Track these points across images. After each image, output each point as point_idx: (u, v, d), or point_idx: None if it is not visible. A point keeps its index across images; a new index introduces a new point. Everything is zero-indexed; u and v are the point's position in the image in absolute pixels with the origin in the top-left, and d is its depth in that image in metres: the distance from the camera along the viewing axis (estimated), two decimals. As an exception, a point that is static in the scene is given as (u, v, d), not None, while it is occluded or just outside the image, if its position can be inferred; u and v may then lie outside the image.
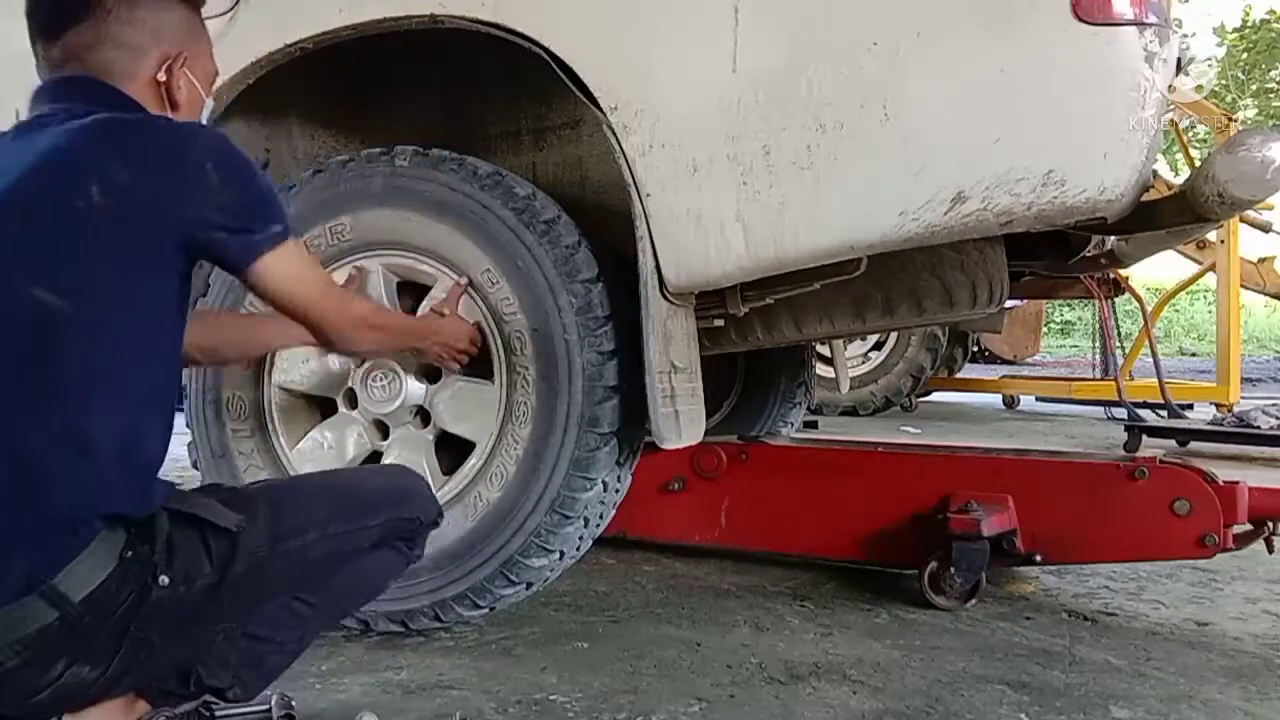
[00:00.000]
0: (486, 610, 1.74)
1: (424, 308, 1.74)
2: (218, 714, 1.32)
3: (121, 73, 1.17)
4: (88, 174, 1.05)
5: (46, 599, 0.99)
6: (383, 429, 1.81)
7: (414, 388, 1.76)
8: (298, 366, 1.82)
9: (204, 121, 1.30)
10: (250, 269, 1.16)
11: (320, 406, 1.87)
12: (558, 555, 1.71)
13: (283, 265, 1.18)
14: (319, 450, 1.82)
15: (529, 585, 1.75)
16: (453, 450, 1.77)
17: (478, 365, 1.71)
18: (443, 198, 1.70)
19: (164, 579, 1.05)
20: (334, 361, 1.80)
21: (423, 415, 1.78)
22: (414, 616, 1.71)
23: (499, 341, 1.69)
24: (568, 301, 1.63)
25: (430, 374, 1.77)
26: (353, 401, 1.81)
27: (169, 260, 1.09)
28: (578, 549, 1.78)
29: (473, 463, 1.71)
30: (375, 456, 1.80)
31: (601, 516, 1.78)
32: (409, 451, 1.76)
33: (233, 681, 1.24)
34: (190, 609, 1.09)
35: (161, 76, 1.20)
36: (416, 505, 1.34)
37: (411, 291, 1.79)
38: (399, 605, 1.70)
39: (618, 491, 1.79)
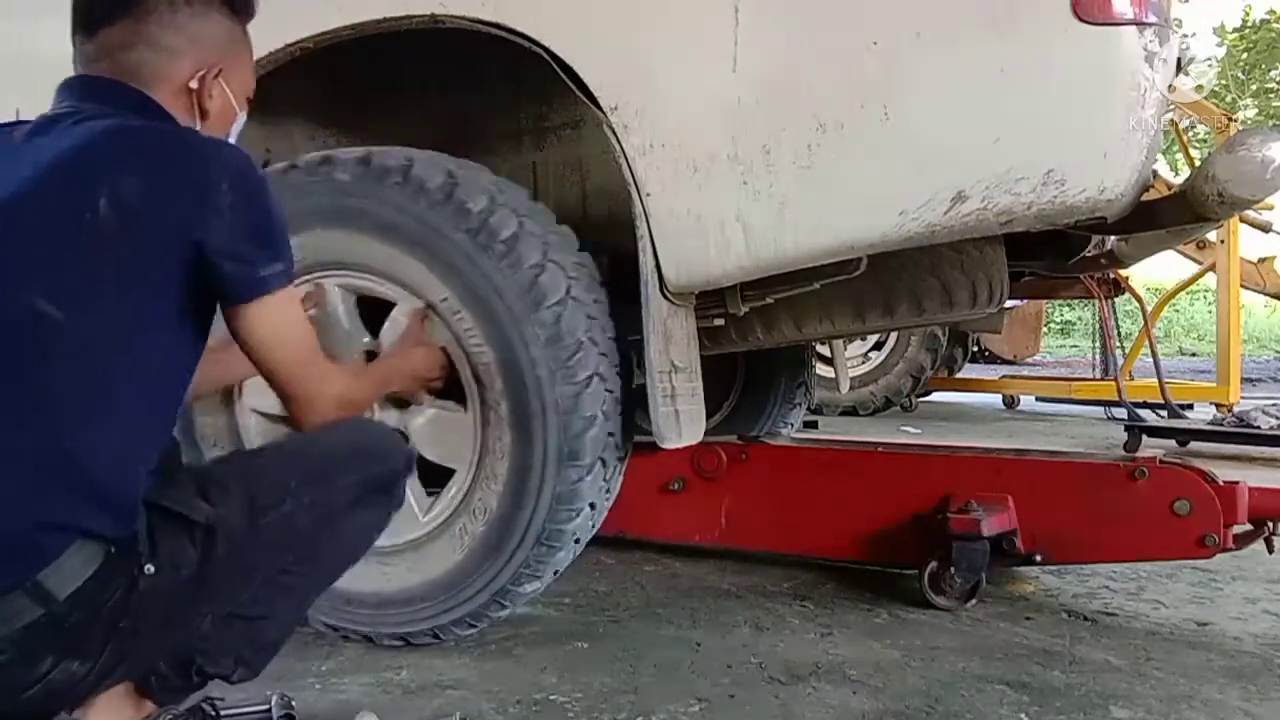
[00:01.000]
0: (484, 627, 1.74)
1: (386, 328, 1.66)
2: (221, 713, 1.32)
3: (153, 75, 1.15)
4: (97, 184, 1.03)
5: (31, 596, 0.98)
6: None
7: (386, 417, 1.70)
8: (269, 391, 1.76)
9: (234, 135, 1.27)
10: (243, 307, 1.11)
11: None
12: (551, 575, 1.70)
13: (275, 316, 1.14)
14: None
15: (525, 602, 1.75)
16: (439, 470, 1.72)
17: (450, 389, 1.65)
18: (390, 219, 1.58)
19: (150, 568, 1.04)
20: None
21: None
22: (415, 635, 1.71)
23: (469, 369, 1.61)
24: (534, 333, 1.54)
25: (402, 400, 1.69)
26: None
27: (170, 279, 1.06)
28: (569, 562, 1.74)
29: (453, 491, 1.67)
30: None
31: (592, 527, 1.73)
32: None
33: (235, 664, 1.22)
34: (178, 595, 1.08)
35: (194, 84, 1.18)
36: (386, 456, 1.31)
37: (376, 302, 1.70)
38: (400, 628, 1.70)
39: (607, 501, 1.74)
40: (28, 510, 0.99)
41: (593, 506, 1.66)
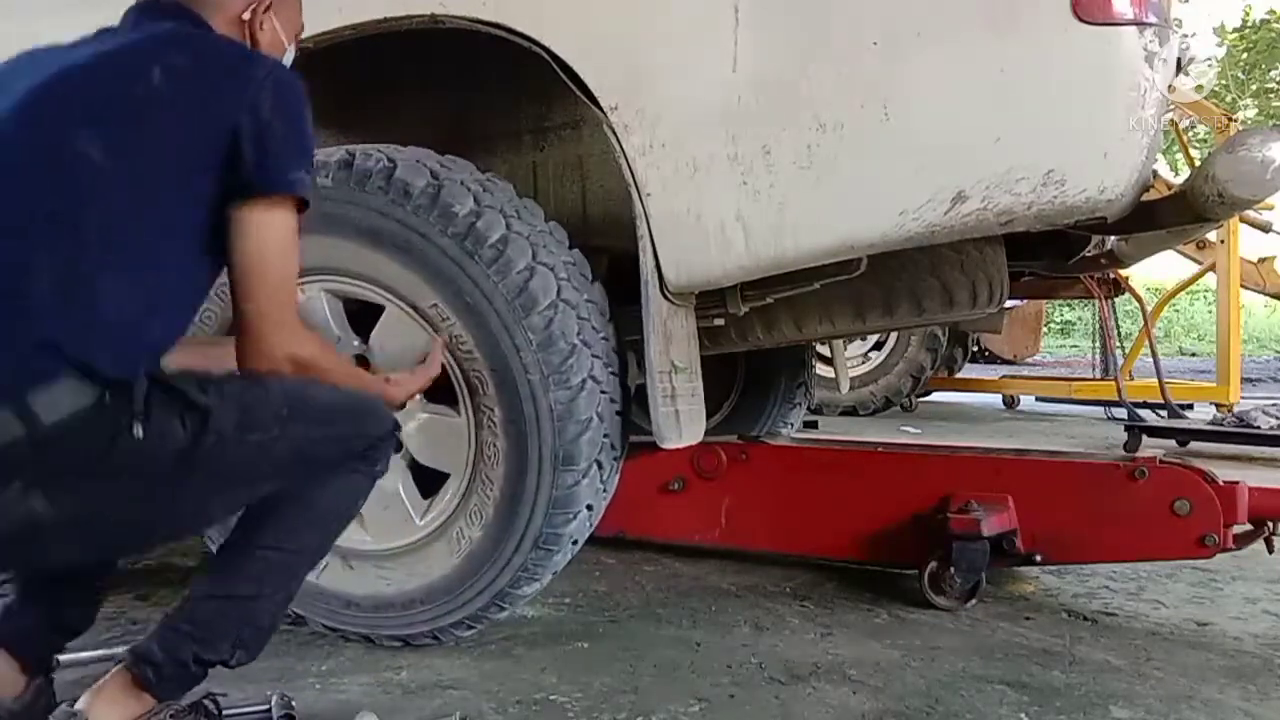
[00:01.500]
0: (483, 627, 1.74)
1: (376, 332, 1.64)
2: (225, 713, 1.32)
3: (212, 5, 1.25)
4: (154, 60, 1.14)
5: (16, 412, 1.00)
6: None
7: None
8: None
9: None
10: (255, 203, 1.15)
11: None
12: (549, 576, 1.70)
13: (278, 228, 1.17)
14: None
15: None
16: (435, 475, 1.71)
17: (444, 393, 1.63)
18: (374, 225, 1.57)
19: (138, 430, 1.06)
20: None
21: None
22: (415, 637, 1.71)
23: (460, 375, 1.59)
24: (525, 339, 1.53)
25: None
26: None
27: (205, 160, 1.13)
28: (566, 563, 1.73)
29: (449, 495, 1.66)
30: None
31: (589, 528, 1.72)
32: (387, 479, 1.62)
33: (233, 648, 1.23)
34: (154, 473, 1.10)
35: (246, 16, 1.27)
36: (371, 421, 1.31)
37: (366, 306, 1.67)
38: (399, 631, 1.70)
39: (604, 502, 1.72)
40: (36, 325, 1.03)
41: (590, 509, 1.65)
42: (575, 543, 1.68)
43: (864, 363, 6.04)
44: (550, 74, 1.56)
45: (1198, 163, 3.74)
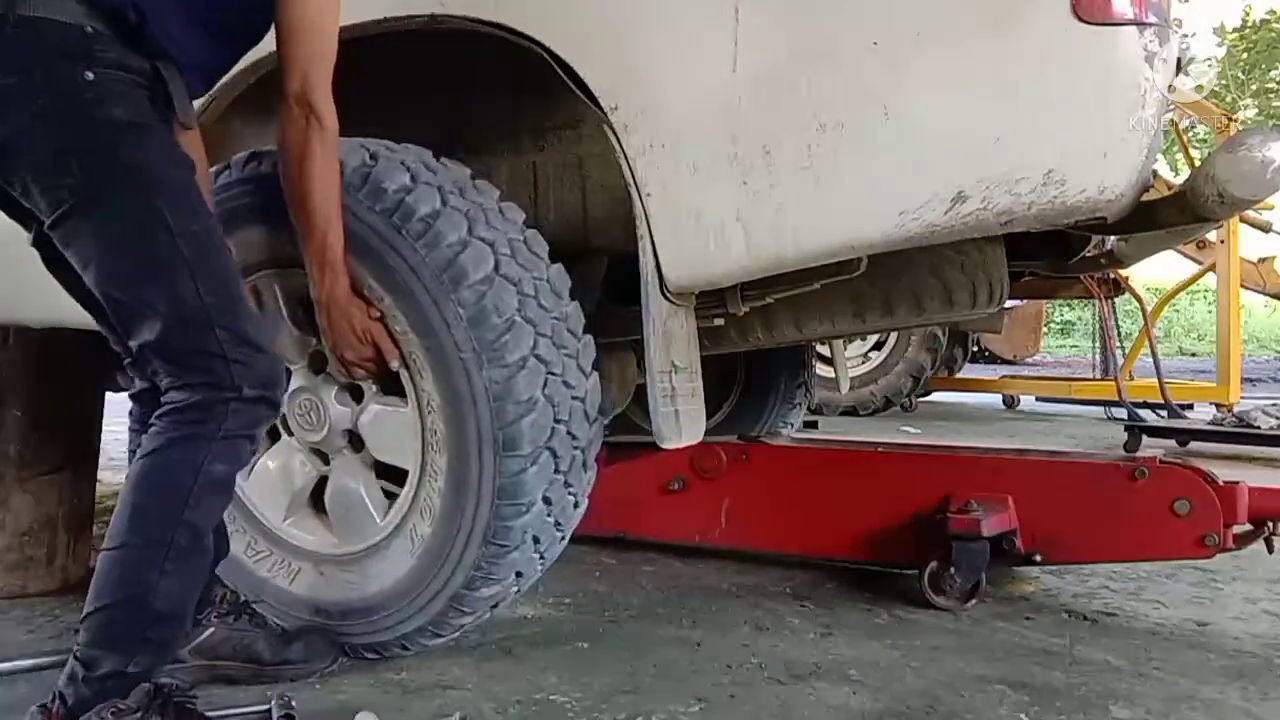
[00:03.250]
0: (453, 636, 1.67)
1: (320, 324, 1.58)
2: (225, 714, 1.32)
3: None
4: None
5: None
6: (323, 456, 1.72)
7: (337, 412, 1.65)
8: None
9: None
10: None
11: (271, 432, 1.70)
12: (511, 579, 1.60)
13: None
14: (267, 479, 1.73)
15: (493, 605, 1.65)
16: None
17: (396, 384, 1.59)
18: None
19: (89, 75, 1.20)
20: None
21: (356, 440, 1.68)
22: (385, 646, 1.64)
23: (400, 358, 1.55)
24: (455, 313, 1.47)
25: (355, 394, 1.66)
26: (289, 425, 1.71)
27: None
28: (539, 566, 1.64)
29: (406, 492, 1.60)
30: (323, 483, 1.72)
31: (559, 527, 1.62)
32: (349, 479, 1.67)
33: (124, 656, 1.24)
34: (76, 130, 1.21)
35: None
36: (250, 362, 1.28)
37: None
38: (367, 639, 1.64)
39: (573, 497, 1.63)
40: None
41: (548, 501, 1.56)
42: (538, 540, 1.58)
43: (864, 363, 6.05)
44: (550, 74, 1.56)
45: (1198, 163, 3.74)
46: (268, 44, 1.69)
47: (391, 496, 1.65)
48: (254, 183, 1.60)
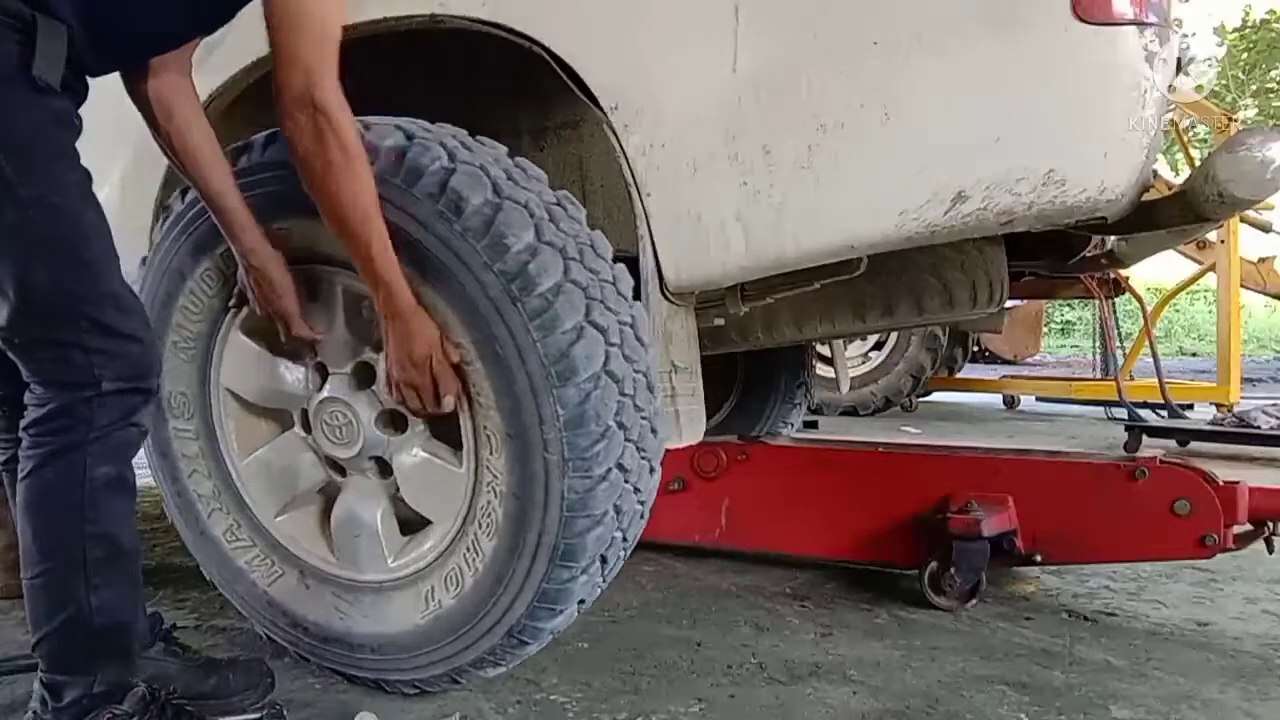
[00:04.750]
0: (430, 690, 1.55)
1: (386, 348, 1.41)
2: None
3: None
4: None
5: None
6: (338, 467, 1.58)
7: (373, 437, 1.50)
8: (247, 377, 1.60)
9: None
10: None
11: (279, 418, 1.64)
12: (515, 662, 1.50)
13: None
14: (268, 471, 1.62)
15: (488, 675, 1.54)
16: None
17: (448, 428, 1.46)
18: (418, 237, 1.35)
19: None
20: (286, 376, 1.57)
21: (383, 465, 1.54)
22: (358, 678, 1.57)
23: (471, 425, 1.40)
24: (553, 412, 1.31)
25: (395, 422, 1.51)
26: (308, 423, 1.57)
27: None
28: (547, 637, 1.50)
29: (428, 545, 1.48)
30: (331, 491, 1.61)
31: (571, 618, 1.48)
32: (365, 500, 1.54)
33: (85, 674, 1.23)
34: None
35: None
36: (123, 357, 1.19)
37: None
38: (344, 668, 1.57)
39: (596, 593, 1.49)
40: None
41: (581, 603, 1.46)
42: (553, 634, 1.48)
43: (864, 363, 6.05)
44: (550, 74, 1.56)
45: (1198, 163, 3.74)
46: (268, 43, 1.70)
47: (408, 527, 1.54)
48: (283, 166, 1.41)
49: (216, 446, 1.64)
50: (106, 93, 1.35)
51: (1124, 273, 5.01)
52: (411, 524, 1.54)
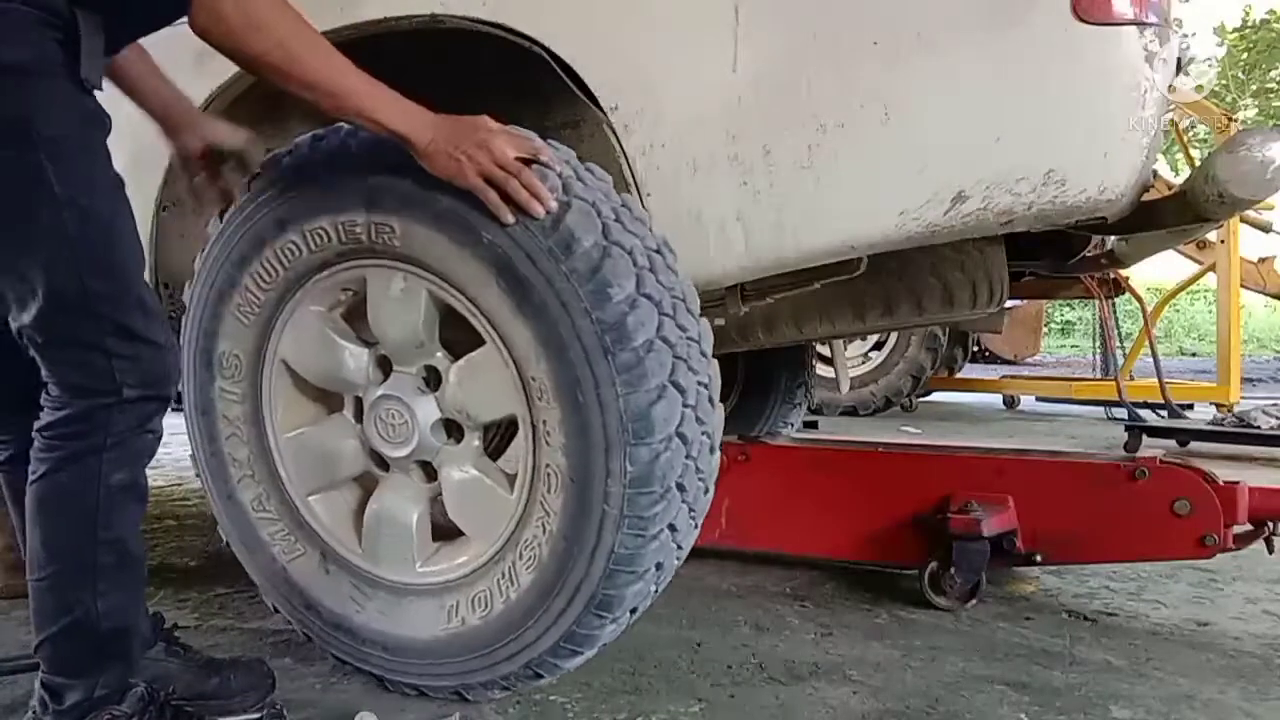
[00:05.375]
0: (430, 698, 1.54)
1: (461, 365, 1.42)
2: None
3: None
4: None
5: None
6: (381, 461, 1.55)
7: (428, 442, 1.47)
8: (307, 353, 1.54)
9: None
10: None
11: (329, 400, 1.61)
12: (523, 686, 1.49)
13: None
14: (308, 449, 1.58)
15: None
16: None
17: (502, 444, 1.46)
18: (524, 271, 1.31)
19: None
20: (349, 363, 1.51)
21: (429, 469, 1.52)
22: (360, 671, 1.56)
23: (531, 458, 1.37)
24: (621, 467, 1.29)
25: (452, 431, 1.49)
26: (360, 412, 1.54)
27: None
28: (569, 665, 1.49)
29: (461, 560, 1.46)
30: (368, 482, 1.59)
31: (583, 658, 1.47)
32: (403, 500, 1.52)
33: (85, 679, 1.23)
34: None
35: None
36: (137, 362, 1.18)
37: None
38: (352, 661, 1.56)
39: (620, 633, 1.48)
40: None
41: (604, 647, 1.46)
42: (567, 671, 1.48)
43: (864, 363, 6.05)
44: (550, 74, 1.56)
45: (1198, 163, 3.74)
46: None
47: (442, 535, 1.52)
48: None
49: (260, 414, 1.58)
50: (105, 91, 1.35)
51: (1124, 273, 5.01)
52: (442, 532, 1.53)
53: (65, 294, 1.14)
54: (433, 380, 1.48)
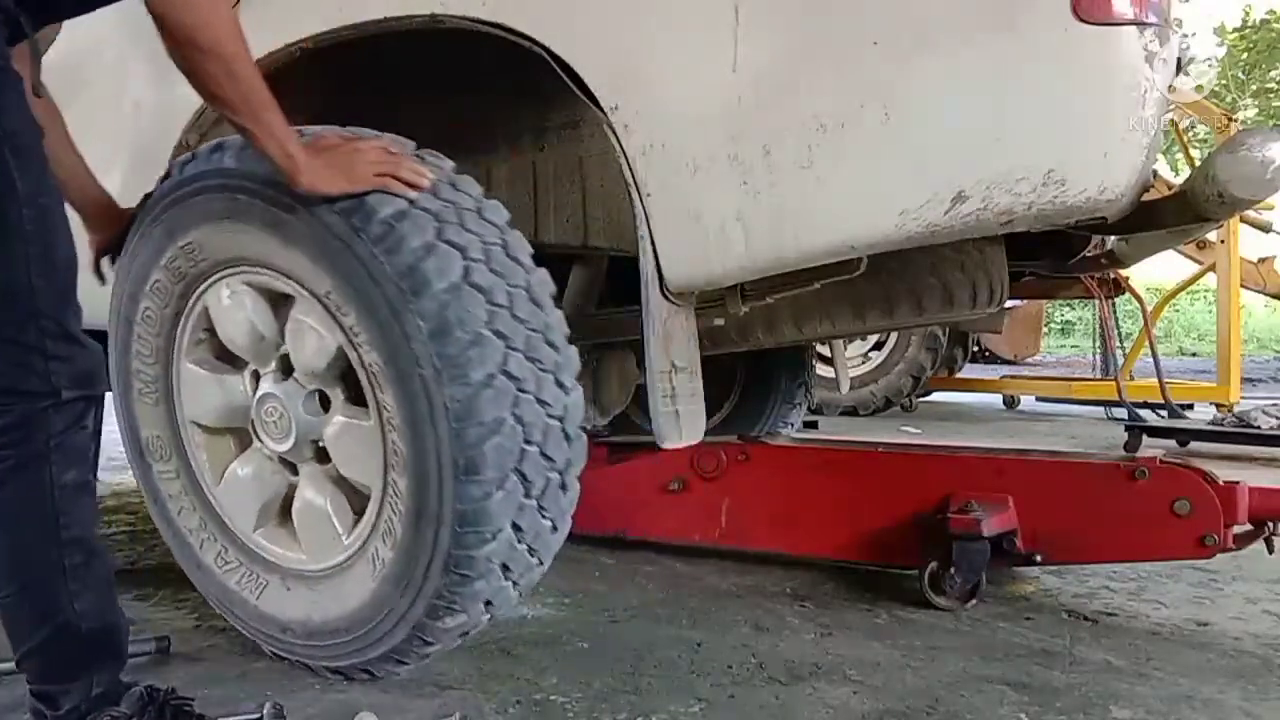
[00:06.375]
0: (420, 663, 1.56)
1: (288, 331, 1.52)
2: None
3: None
4: None
5: None
6: (291, 466, 1.61)
7: (304, 420, 1.54)
8: (199, 400, 1.65)
9: None
10: None
11: (240, 436, 1.68)
12: (481, 607, 1.47)
13: None
14: (237, 486, 1.64)
15: (463, 634, 1.53)
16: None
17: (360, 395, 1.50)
18: (274, 216, 1.43)
19: None
20: (234, 389, 1.62)
21: (323, 452, 1.57)
22: (350, 670, 1.58)
23: (365, 371, 1.44)
24: (415, 325, 1.35)
25: (322, 402, 1.55)
26: (259, 432, 1.62)
27: None
28: (515, 595, 1.52)
29: (370, 511, 1.50)
30: (292, 494, 1.63)
31: (530, 552, 1.47)
32: (316, 492, 1.56)
33: (71, 682, 1.22)
34: None
35: None
36: (70, 364, 1.17)
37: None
38: (332, 662, 1.57)
39: (548, 523, 1.49)
40: None
41: (518, 529, 1.43)
42: (507, 569, 1.45)
43: (864, 363, 6.05)
44: (550, 74, 1.56)
45: (1198, 163, 3.74)
46: (268, 44, 1.70)
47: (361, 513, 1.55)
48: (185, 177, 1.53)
49: (195, 478, 1.68)
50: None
51: (1124, 273, 5.01)
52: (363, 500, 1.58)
53: (13, 292, 1.13)
54: (289, 367, 1.57)
